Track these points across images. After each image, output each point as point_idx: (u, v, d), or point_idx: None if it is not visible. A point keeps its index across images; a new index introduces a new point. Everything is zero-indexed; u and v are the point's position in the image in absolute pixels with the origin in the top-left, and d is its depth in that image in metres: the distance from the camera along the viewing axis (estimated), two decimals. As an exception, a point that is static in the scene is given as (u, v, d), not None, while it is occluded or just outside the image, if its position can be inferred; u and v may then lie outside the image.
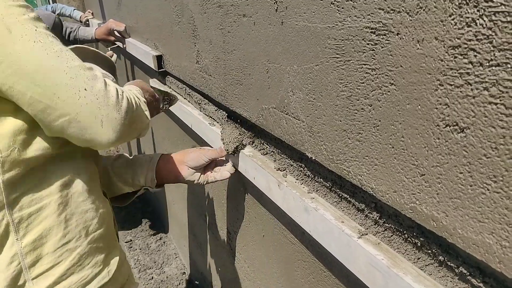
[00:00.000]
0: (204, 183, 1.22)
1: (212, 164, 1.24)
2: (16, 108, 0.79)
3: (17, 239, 0.84)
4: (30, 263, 0.86)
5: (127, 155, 1.25)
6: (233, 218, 1.50)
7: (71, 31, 2.43)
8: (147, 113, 1.00)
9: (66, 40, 2.44)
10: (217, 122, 1.36)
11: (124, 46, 2.39)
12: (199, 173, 1.21)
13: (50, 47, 0.77)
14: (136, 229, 3.20)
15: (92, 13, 3.76)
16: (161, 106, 1.32)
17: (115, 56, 1.71)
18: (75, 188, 0.91)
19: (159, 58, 1.78)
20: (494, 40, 0.44)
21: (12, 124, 0.79)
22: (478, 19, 0.45)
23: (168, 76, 1.83)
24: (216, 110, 1.35)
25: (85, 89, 0.79)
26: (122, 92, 0.88)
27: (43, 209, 0.86)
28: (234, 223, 1.50)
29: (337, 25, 0.68)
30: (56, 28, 2.24)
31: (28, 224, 0.85)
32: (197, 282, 2.47)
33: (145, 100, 1.04)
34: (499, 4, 0.43)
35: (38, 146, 0.83)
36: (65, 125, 0.79)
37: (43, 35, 0.78)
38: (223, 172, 1.21)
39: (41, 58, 0.76)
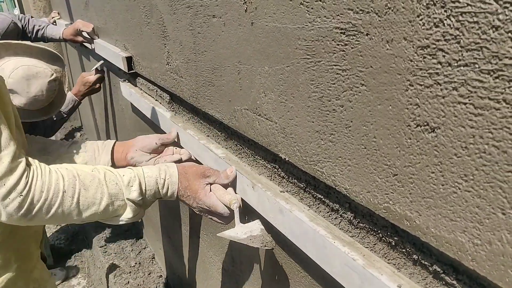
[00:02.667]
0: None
1: (169, 152, 1.27)
2: None
3: None
4: None
5: (82, 141, 1.26)
6: (207, 220, 1.49)
7: (39, 29, 2.37)
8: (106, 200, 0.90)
9: (34, 38, 2.38)
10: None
11: (93, 47, 2.34)
12: (152, 158, 1.23)
13: None
14: (111, 234, 3.15)
15: (58, 13, 3.68)
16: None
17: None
18: None
19: (129, 60, 1.75)
20: (461, 40, 0.44)
21: None
22: (445, 19, 0.45)
23: (138, 77, 1.80)
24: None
25: None
26: (26, 184, 0.81)
27: None
28: (209, 225, 1.49)
29: (307, 25, 0.67)
30: (11, 33, 2.16)
31: None
32: (174, 285, 2.44)
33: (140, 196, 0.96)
34: (465, 5, 0.43)
35: None
36: None
37: None
38: (175, 155, 1.24)
39: None
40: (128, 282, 2.67)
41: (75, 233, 3.34)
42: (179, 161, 1.25)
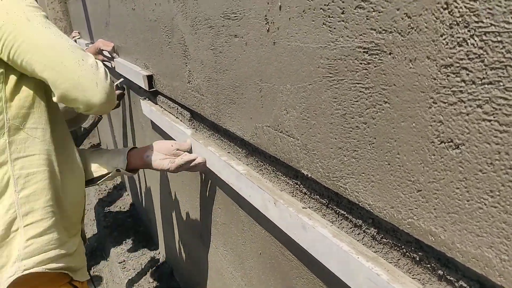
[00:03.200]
0: (173, 167, 1.34)
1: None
2: (22, 88, 1.07)
3: (15, 191, 1.06)
4: (24, 213, 1.07)
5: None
6: (227, 236, 1.50)
7: None
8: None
9: None
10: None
11: (113, 65, 2.39)
12: (168, 160, 1.33)
13: (56, 32, 1.07)
14: (129, 249, 3.17)
15: (79, 33, 3.77)
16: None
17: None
18: (56, 169, 1.15)
19: (149, 78, 1.78)
20: (485, 59, 0.45)
21: (19, 99, 1.06)
22: (469, 39, 0.47)
23: (159, 95, 1.83)
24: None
25: (83, 59, 1.08)
26: (107, 70, 1.17)
27: (37, 173, 1.09)
28: (229, 241, 1.50)
29: (329, 45, 0.69)
30: None
31: (25, 182, 1.07)
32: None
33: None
34: (489, 25, 0.44)
35: (34, 121, 1.09)
36: (70, 87, 1.06)
37: (51, 24, 1.09)
38: (191, 155, 1.35)
39: (51, 38, 1.05)
40: (147, 298, 2.69)
41: (93, 249, 3.36)
42: (193, 161, 1.34)
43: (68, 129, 1.29)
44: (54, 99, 1.10)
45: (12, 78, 1.05)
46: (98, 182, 1.37)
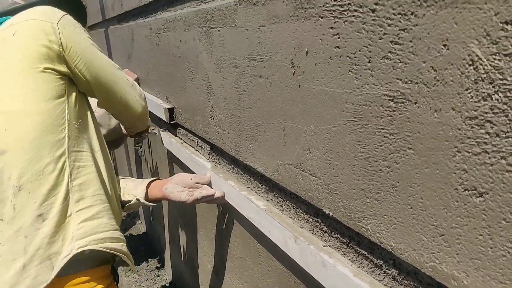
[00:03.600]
0: (191, 200, 1.40)
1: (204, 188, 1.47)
2: (79, 99, 1.28)
3: (70, 180, 1.19)
4: (76, 199, 1.19)
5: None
6: (243, 269, 1.51)
7: None
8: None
9: None
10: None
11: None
12: (186, 192, 1.40)
13: (107, 58, 1.38)
14: (141, 279, 3.17)
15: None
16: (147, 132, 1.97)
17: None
18: (101, 167, 1.32)
19: (170, 111, 1.83)
20: (510, 114, 0.48)
21: (75, 105, 1.25)
22: (493, 94, 0.49)
23: (179, 128, 1.87)
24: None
25: (127, 79, 1.47)
26: (138, 87, 1.55)
27: (86, 167, 1.24)
28: (245, 275, 1.50)
29: (354, 91, 0.72)
30: None
31: (78, 172, 1.21)
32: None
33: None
34: (513, 83, 0.47)
35: (83, 124, 1.28)
36: (119, 99, 1.44)
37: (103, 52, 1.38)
38: (209, 189, 1.41)
39: (108, 62, 1.38)
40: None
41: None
42: (212, 196, 1.39)
43: (108, 147, 1.47)
44: (99, 104, 1.42)
45: (72, 90, 1.26)
46: (123, 210, 1.44)
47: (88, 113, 1.34)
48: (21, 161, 1.13)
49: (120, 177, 1.54)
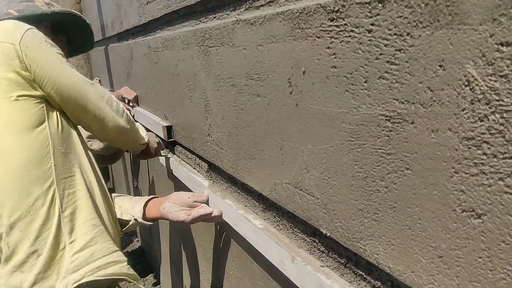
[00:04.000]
0: (189, 219, 1.35)
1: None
2: (61, 120, 1.24)
3: (61, 211, 1.16)
4: (68, 230, 1.17)
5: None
6: (228, 271, 1.49)
7: None
8: (144, 138, 1.62)
9: None
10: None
11: (132, 114, 2.45)
12: (184, 212, 1.35)
13: (79, 74, 1.31)
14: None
15: (99, 80, 3.88)
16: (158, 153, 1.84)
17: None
18: (94, 189, 1.29)
19: (169, 129, 1.83)
20: (507, 135, 0.48)
21: (59, 128, 1.21)
22: (490, 115, 0.49)
23: (177, 145, 1.87)
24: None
25: (102, 96, 1.35)
26: (120, 103, 1.45)
27: (76, 192, 1.21)
28: (232, 279, 1.48)
29: (351, 111, 0.72)
30: None
31: (68, 201, 1.18)
32: None
33: (146, 134, 1.69)
34: (510, 104, 0.47)
35: (69, 147, 1.24)
36: (93, 117, 1.33)
37: (74, 68, 1.29)
38: (207, 208, 1.37)
39: (79, 79, 1.28)
40: None
41: None
42: (210, 214, 1.36)
43: (99, 162, 1.44)
44: (77, 124, 1.34)
45: (52, 111, 1.22)
46: (123, 230, 1.44)
47: (73, 131, 1.30)
48: (9, 199, 1.11)
49: (116, 194, 1.52)
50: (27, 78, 1.14)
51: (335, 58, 0.74)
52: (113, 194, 1.48)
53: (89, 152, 1.36)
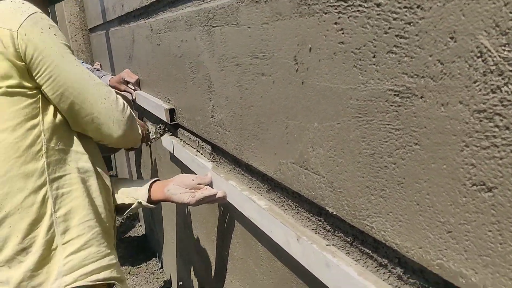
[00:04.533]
0: (193, 201, 1.35)
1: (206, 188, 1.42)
2: (56, 113, 1.17)
3: (54, 211, 1.13)
4: (61, 231, 1.14)
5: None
6: (245, 271, 1.50)
7: None
8: (139, 131, 1.45)
9: None
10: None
11: (134, 97, 2.44)
12: (188, 194, 1.34)
13: (84, 70, 1.20)
14: (140, 282, 3.15)
15: (100, 65, 3.86)
16: (149, 140, 1.77)
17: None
18: (91, 185, 1.24)
19: (171, 111, 1.82)
20: (519, 106, 0.47)
21: (53, 123, 1.15)
22: (503, 86, 0.48)
23: (180, 128, 1.87)
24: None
25: (105, 98, 1.23)
26: (127, 105, 1.31)
27: (72, 192, 1.17)
28: (246, 276, 1.49)
29: (359, 86, 0.71)
30: None
31: (62, 201, 1.15)
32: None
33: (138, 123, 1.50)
34: (523, 74, 0.46)
35: (64, 143, 1.18)
36: (89, 121, 1.21)
37: (79, 63, 1.20)
38: (211, 189, 1.36)
39: (80, 76, 1.17)
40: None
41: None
42: (214, 196, 1.36)
43: (102, 151, 1.40)
44: (72, 127, 1.23)
45: (47, 104, 1.15)
46: (124, 214, 1.42)
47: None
48: None
49: (117, 178, 1.50)
50: (21, 68, 1.08)
51: (343, 33, 0.73)
52: (113, 178, 1.47)
53: (91, 145, 1.31)
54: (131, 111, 1.33)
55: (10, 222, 1.09)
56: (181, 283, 2.66)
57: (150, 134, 1.79)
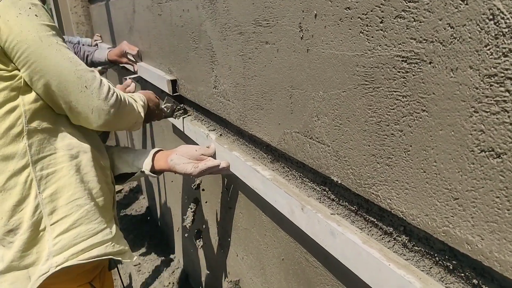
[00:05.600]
0: (196, 172, 1.33)
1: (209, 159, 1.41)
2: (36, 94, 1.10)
3: (39, 192, 1.11)
4: (49, 212, 1.12)
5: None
6: (248, 241, 1.51)
7: (88, 55, 2.50)
8: (141, 113, 1.38)
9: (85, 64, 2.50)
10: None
11: (136, 69, 2.42)
12: (191, 164, 1.34)
13: (66, 55, 1.10)
14: (145, 253, 3.19)
15: (100, 36, 3.82)
16: (164, 114, 1.70)
17: (133, 85, 1.78)
18: (81, 161, 1.20)
19: (173, 83, 1.81)
20: (532, 70, 0.46)
21: (35, 103, 1.10)
22: (515, 49, 0.47)
23: (182, 100, 1.85)
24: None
25: (85, 86, 1.13)
26: (114, 92, 1.21)
27: (58, 171, 1.14)
28: (250, 246, 1.50)
29: (366, 53, 0.70)
30: None
31: (47, 182, 1.12)
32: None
33: (143, 104, 1.43)
34: (537, 36, 0.45)
35: (48, 122, 1.14)
36: (67, 108, 1.14)
37: (62, 46, 1.11)
38: (214, 160, 1.36)
39: (60, 61, 1.09)
40: (162, 302, 2.70)
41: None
42: (218, 166, 1.35)
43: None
44: (56, 111, 1.16)
45: (27, 86, 1.09)
46: (126, 182, 1.43)
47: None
48: None
49: (119, 147, 1.49)
50: None
51: (349, -2, 0.71)
52: (116, 148, 1.47)
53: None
54: (121, 97, 1.25)
55: None
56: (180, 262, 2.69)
57: (164, 111, 1.72)
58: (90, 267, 1.25)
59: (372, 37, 0.68)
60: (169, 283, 2.83)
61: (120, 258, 1.25)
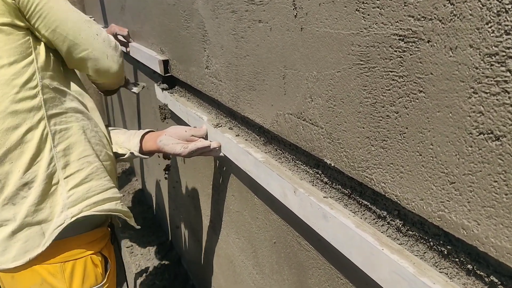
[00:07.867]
0: (185, 152, 1.31)
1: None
2: (49, 53, 1.19)
3: (53, 145, 1.16)
4: (62, 165, 1.18)
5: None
6: (240, 224, 1.50)
7: None
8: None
9: None
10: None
11: (128, 50, 2.38)
12: (180, 145, 1.32)
13: (73, 7, 1.22)
14: (137, 235, 3.18)
15: (93, 19, 3.74)
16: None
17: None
18: (88, 125, 1.27)
19: (165, 63, 1.77)
20: (535, 49, 0.44)
21: (47, 62, 1.16)
22: (518, 27, 0.45)
23: (174, 80, 1.82)
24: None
25: (97, 34, 1.26)
26: (117, 43, 1.36)
27: (69, 129, 1.20)
28: (242, 229, 1.49)
29: (362, 32, 0.67)
30: None
31: (60, 137, 1.18)
32: (200, 288, 2.45)
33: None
34: (542, 12, 0.42)
35: (58, 83, 1.20)
36: (84, 56, 1.25)
37: (70, 3, 1.22)
38: (204, 141, 1.35)
39: (71, 12, 1.20)
40: (154, 283, 2.70)
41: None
42: (208, 147, 1.33)
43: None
44: (69, 65, 1.27)
45: (38, 44, 1.16)
46: (117, 161, 1.44)
47: (65, 68, 1.27)
48: None
49: (111, 128, 1.48)
50: (12, 6, 1.07)
51: (345, -26, 0.68)
52: (108, 129, 1.45)
53: (84, 91, 1.33)
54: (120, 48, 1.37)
55: (11, 157, 1.11)
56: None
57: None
58: (100, 235, 1.32)
59: (368, 14, 0.65)
60: (162, 265, 2.83)
61: (127, 218, 1.35)
